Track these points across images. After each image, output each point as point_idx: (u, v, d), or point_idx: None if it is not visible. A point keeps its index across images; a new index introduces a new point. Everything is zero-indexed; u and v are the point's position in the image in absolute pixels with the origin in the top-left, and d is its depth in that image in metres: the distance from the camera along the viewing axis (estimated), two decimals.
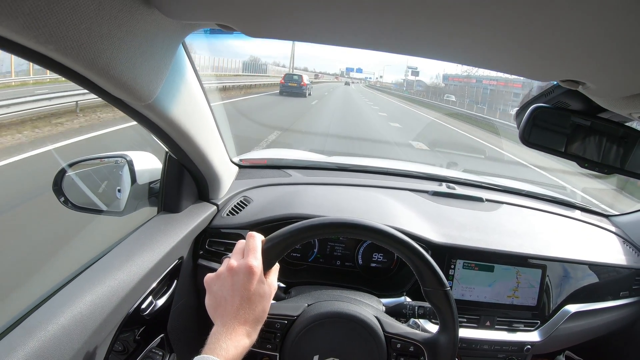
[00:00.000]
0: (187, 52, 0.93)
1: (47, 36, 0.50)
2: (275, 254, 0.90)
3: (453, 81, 60.91)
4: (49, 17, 0.48)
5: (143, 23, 0.63)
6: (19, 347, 0.70)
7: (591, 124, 0.95)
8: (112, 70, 0.62)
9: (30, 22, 0.47)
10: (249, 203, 1.46)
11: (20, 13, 0.46)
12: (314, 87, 25.03)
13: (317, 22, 0.63)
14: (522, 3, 0.46)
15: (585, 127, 0.95)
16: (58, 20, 0.50)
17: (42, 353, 0.72)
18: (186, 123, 0.98)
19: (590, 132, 0.96)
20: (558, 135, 0.97)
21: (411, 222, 1.40)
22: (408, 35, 0.63)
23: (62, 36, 0.52)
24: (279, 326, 0.95)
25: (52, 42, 0.51)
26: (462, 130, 16.36)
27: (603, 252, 1.56)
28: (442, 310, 0.94)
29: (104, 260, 0.99)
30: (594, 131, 0.95)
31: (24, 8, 0.46)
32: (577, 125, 0.96)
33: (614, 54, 0.56)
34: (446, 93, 49.96)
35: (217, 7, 0.63)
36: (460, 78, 57.99)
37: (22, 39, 0.50)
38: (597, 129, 0.95)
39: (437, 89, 64.23)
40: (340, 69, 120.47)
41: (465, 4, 0.48)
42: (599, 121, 0.94)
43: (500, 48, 0.63)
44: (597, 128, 0.95)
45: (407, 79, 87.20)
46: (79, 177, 1.27)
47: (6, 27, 0.47)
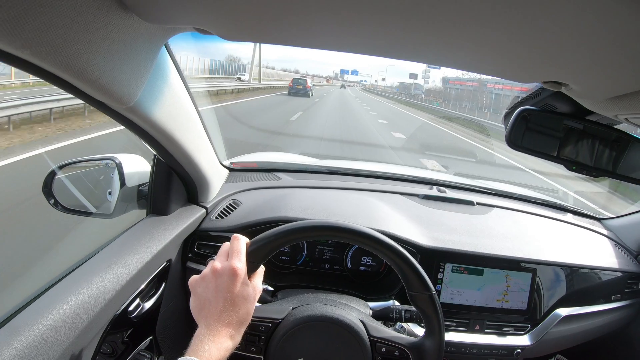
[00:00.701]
0: (171, 55, 0.93)
1: (23, 41, 0.51)
2: (260, 257, 0.90)
3: (454, 84, 58.79)
4: (24, 23, 0.49)
5: (121, 27, 0.63)
6: (5, 347, 0.70)
7: (581, 127, 0.95)
8: (90, 74, 0.63)
9: (7, 28, 0.48)
10: (238, 206, 1.46)
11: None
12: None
13: (294, 25, 0.64)
14: (502, 6, 0.46)
15: (573, 130, 0.95)
16: (33, 27, 0.50)
17: (28, 353, 0.72)
18: (171, 126, 0.98)
19: (579, 135, 0.96)
20: (546, 138, 0.97)
21: (400, 225, 1.40)
22: (384, 36, 0.63)
23: (38, 42, 0.52)
24: (264, 329, 0.95)
25: (27, 47, 0.52)
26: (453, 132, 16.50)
27: (595, 255, 1.56)
28: (427, 315, 0.94)
29: (91, 262, 0.99)
30: (583, 134, 0.95)
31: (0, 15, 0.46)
32: (565, 128, 0.96)
33: (594, 56, 0.56)
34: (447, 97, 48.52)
35: (194, 11, 0.63)
36: (462, 81, 56.08)
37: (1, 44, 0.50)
38: (587, 132, 0.95)
39: (436, 93, 62.43)
40: (334, 71, 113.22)
41: (444, 8, 0.48)
42: (588, 124, 0.94)
43: (481, 50, 0.64)
44: (587, 131, 0.95)
45: (403, 82, 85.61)
46: (69, 179, 1.27)
47: None
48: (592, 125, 0.94)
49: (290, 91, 26.62)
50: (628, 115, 0.79)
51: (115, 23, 0.62)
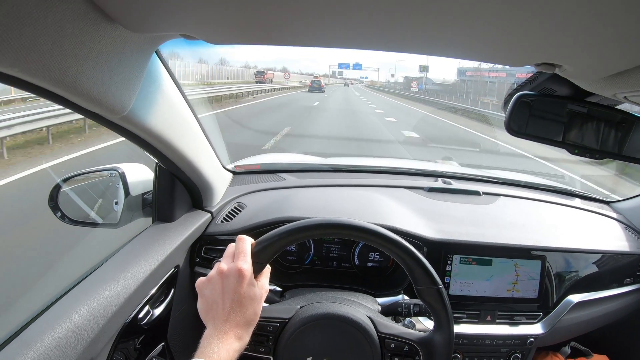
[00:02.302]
0: (163, 61, 0.93)
1: (12, 60, 0.52)
2: (265, 257, 0.90)
3: (468, 76, 52.39)
4: (10, 42, 0.50)
5: (107, 39, 0.64)
6: (17, 359, 0.71)
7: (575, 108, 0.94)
8: (80, 87, 0.63)
9: None
10: (243, 209, 1.46)
11: None
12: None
13: (279, 24, 0.64)
14: None
15: (577, 113, 0.94)
16: (19, 45, 0.51)
17: None
18: (168, 132, 0.99)
19: (580, 118, 0.94)
20: (546, 122, 0.96)
21: (406, 219, 1.40)
22: (367, 27, 0.63)
23: (25, 59, 0.53)
24: (272, 329, 0.95)
25: (16, 65, 0.53)
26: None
27: (605, 239, 1.54)
28: (435, 309, 0.94)
29: (99, 271, 1.00)
30: (583, 116, 0.94)
31: None
32: (565, 111, 0.95)
33: (584, 34, 0.55)
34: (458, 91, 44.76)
35: (177, 18, 0.63)
36: (482, 71, 48.99)
37: None
38: (591, 114, 0.94)
39: (448, 86, 58.06)
40: (330, 67, 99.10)
41: None
42: (591, 106, 0.93)
43: (470, 35, 0.63)
44: (591, 114, 0.94)
45: (408, 77, 79.67)
46: (74, 191, 1.28)
47: None
48: (595, 107, 0.93)
49: (310, 89, 38.77)
50: (626, 94, 0.78)
51: (102, 35, 0.62)
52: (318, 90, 37.69)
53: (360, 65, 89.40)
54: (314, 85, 39.68)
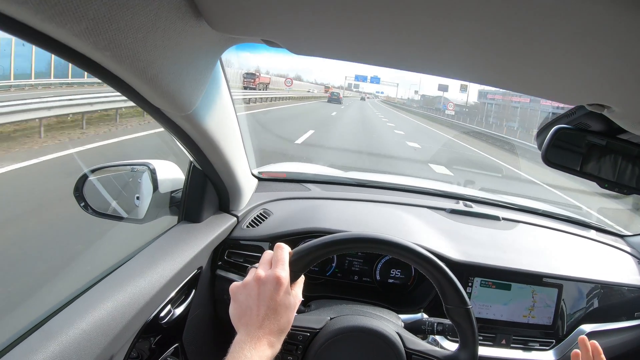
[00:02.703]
0: (222, 65, 0.94)
1: (106, 42, 0.52)
2: (301, 266, 0.90)
3: (493, 99, 47.36)
4: (110, 23, 0.50)
5: (191, 35, 0.65)
6: (39, 349, 0.71)
7: (614, 145, 0.96)
8: (160, 80, 0.64)
9: (92, 26, 0.49)
10: (269, 216, 1.47)
11: (84, 17, 0.47)
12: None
13: (361, 42, 0.65)
14: (551, 30, 0.47)
15: (607, 148, 0.96)
16: (118, 28, 0.51)
17: (62, 357, 0.73)
18: (218, 135, 0.99)
19: (613, 153, 0.96)
20: (580, 157, 0.98)
21: (430, 239, 1.40)
22: (443, 55, 0.64)
23: (120, 44, 0.53)
24: (302, 338, 0.95)
25: (109, 48, 0.53)
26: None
27: (618, 272, 1.55)
28: (463, 328, 0.94)
29: (126, 267, 1.00)
30: (617, 152, 0.96)
31: (88, 12, 0.47)
32: (599, 147, 0.96)
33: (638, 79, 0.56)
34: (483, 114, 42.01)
35: (264, 23, 0.64)
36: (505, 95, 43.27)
37: (82, 43, 0.51)
38: (620, 150, 0.96)
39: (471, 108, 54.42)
40: (346, 77, 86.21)
41: (497, 29, 0.49)
42: (622, 143, 0.95)
43: (530, 72, 0.64)
44: (620, 150, 0.96)
45: (425, 95, 75.90)
46: (101, 183, 1.28)
47: (69, 30, 0.49)
48: (628, 145, 0.95)
49: (329, 100, 41.26)
50: None
51: (188, 30, 0.63)
52: (336, 101, 40.31)
53: (378, 79, 78.36)
54: (333, 97, 42.60)
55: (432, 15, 0.50)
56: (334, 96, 43.16)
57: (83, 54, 0.54)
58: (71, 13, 0.46)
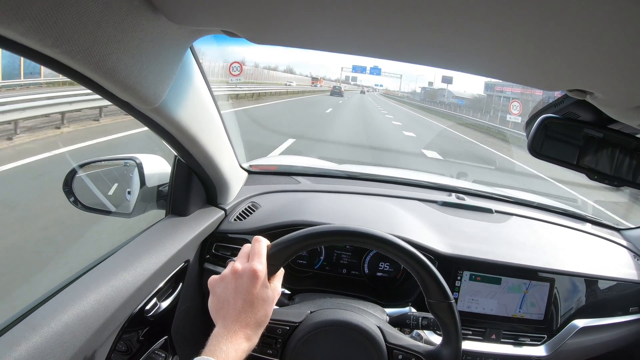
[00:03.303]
0: (195, 57, 0.94)
1: (54, 39, 0.51)
2: (280, 260, 0.90)
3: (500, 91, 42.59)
4: (55, 20, 0.49)
5: (149, 28, 0.64)
6: (22, 341, 0.71)
7: (603, 135, 0.94)
8: (118, 74, 0.63)
9: (36, 25, 0.48)
10: (257, 209, 1.46)
11: (27, 16, 0.47)
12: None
13: (322, 29, 0.64)
14: (530, 13, 0.46)
15: (596, 138, 0.94)
16: (64, 24, 0.51)
17: (44, 349, 0.73)
18: (194, 127, 0.99)
19: (601, 144, 0.94)
20: (568, 147, 0.96)
21: (419, 232, 1.40)
22: (413, 41, 0.63)
23: (68, 40, 0.53)
24: (281, 332, 0.95)
25: (58, 45, 0.52)
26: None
27: (613, 266, 1.53)
28: (445, 323, 0.94)
29: (110, 260, 1.00)
30: (606, 143, 0.94)
31: (30, 11, 0.47)
32: (588, 137, 0.95)
33: (621, 64, 0.55)
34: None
35: (222, 14, 0.63)
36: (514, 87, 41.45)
37: (29, 41, 0.51)
38: (609, 140, 0.94)
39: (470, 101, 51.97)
40: (342, 69, 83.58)
41: (473, 13, 0.48)
42: (611, 133, 0.93)
43: (507, 57, 0.63)
44: (609, 140, 0.94)
45: (426, 88, 73.09)
46: (89, 178, 1.28)
47: (13, 29, 0.48)
48: (617, 135, 0.93)
49: (332, 93, 46.74)
50: None
51: (144, 24, 0.62)
52: (338, 94, 45.93)
53: (379, 70, 71.01)
54: (335, 90, 48.63)
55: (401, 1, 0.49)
56: (337, 89, 49.14)
57: (37, 50, 0.54)
58: (12, 13, 0.46)
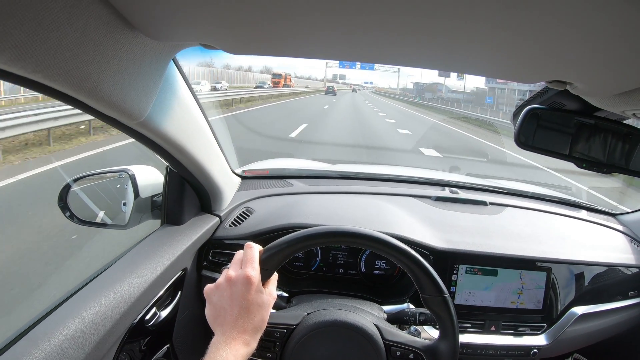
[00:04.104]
0: (178, 67, 0.94)
1: (34, 66, 0.52)
2: (273, 264, 0.91)
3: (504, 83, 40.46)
4: (34, 48, 0.50)
5: (128, 46, 0.65)
6: (24, 357, 0.72)
7: (589, 123, 0.94)
8: (100, 93, 0.64)
9: (17, 54, 0.49)
10: (251, 214, 1.47)
11: (6, 47, 0.48)
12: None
13: (299, 37, 0.65)
14: (503, 5, 0.46)
15: (582, 126, 0.94)
16: (43, 51, 0.51)
17: None
18: (181, 138, 1.00)
19: (589, 132, 0.95)
20: (555, 136, 0.96)
21: (413, 228, 1.40)
22: (387, 43, 0.64)
23: (49, 65, 0.53)
24: (279, 335, 0.96)
25: (39, 70, 0.53)
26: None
27: (610, 251, 1.54)
28: (441, 317, 0.94)
29: (107, 272, 1.01)
30: (592, 130, 0.94)
31: (9, 43, 0.47)
32: (574, 126, 0.95)
33: (597, 54, 0.56)
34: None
35: (199, 28, 0.65)
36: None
37: (10, 69, 0.52)
38: (596, 128, 0.94)
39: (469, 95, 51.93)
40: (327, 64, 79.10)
41: (445, 9, 0.49)
42: (597, 120, 0.94)
43: (483, 52, 0.64)
44: (596, 127, 0.94)
45: (419, 83, 72.89)
46: (84, 192, 1.29)
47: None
48: (603, 122, 0.93)
49: (326, 92, 52.28)
50: (635, 111, 0.79)
51: (123, 42, 0.63)
52: (331, 94, 51.36)
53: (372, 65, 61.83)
54: (329, 90, 54.78)
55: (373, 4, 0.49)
56: (330, 89, 55.14)
57: (19, 75, 0.55)
58: None
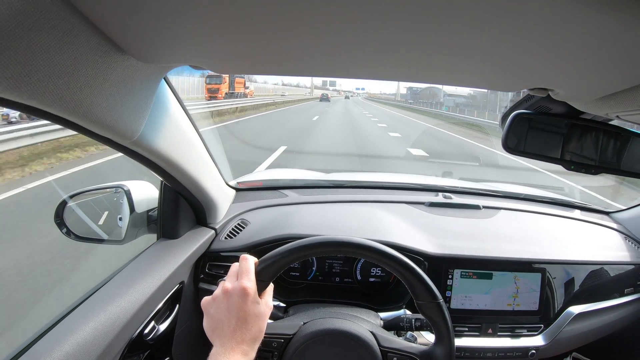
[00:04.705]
0: (169, 85, 0.96)
1: (30, 94, 0.53)
2: (268, 275, 0.92)
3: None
4: (29, 77, 0.51)
5: (119, 69, 0.66)
6: None
7: (576, 126, 0.95)
8: (94, 115, 0.65)
9: (12, 84, 0.50)
10: (246, 225, 1.48)
11: (3, 78, 0.49)
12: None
13: (283, 56, 0.67)
14: (480, 17, 0.47)
15: (569, 129, 0.96)
16: (38, 79, 0.53)
17: None
18: (174, 154, 1.01)
19: (576, 134, 0.96)
20: (542, 140, 0.98)
21: (406, 235, 1.41)
22: (369, 59, 0.65)
23: (44, 92, 0.55)
24: (276, 345, 0.97)
25: (35, 97, 0.55)
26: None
27: (605, 250, 1.55)
28: (436, 322, 0.96)
29: (105, 288, 1.02)
30: (580, 133, 0.96)
31: (6, 73, 0.49)
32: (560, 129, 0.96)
33: (575, 61, 0.57)
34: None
35: (187, 51, 0.66)
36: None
37: (6, 96, 0.53)
38: (583, 130, 0.96)
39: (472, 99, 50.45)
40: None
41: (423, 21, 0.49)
42: (583, 123, 0.95)
43: (462, 62, 0.65)
44: (582, 129, 0.96)
45: (412, 88, 74.84)
46: (80, 207, 1.29)
47: None
48: (589, 124, 0.95)
49: (321, 99, 56.78)
50: (618, 113, 0.80)
51: (114, 66, 0.65)
52: (326, 100, 55.84)
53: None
54: (323, 97, 59.84)
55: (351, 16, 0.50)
56: (324, 96, 60.62)
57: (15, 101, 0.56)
58: None
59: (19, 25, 0.46)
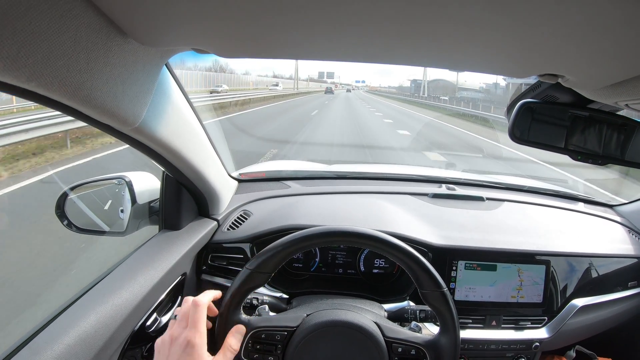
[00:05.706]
0: (171, 72, 0.95)
1: (28, 75, 0.52)
2: (270, 266, 0.92)
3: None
4: (26, 58, 0.50)
5: (120, 53, 0.65)
6: None
7: (583, 115, 0.94)
8: (94, 100, 0.64)
9: (9, 64, 0.49)
10: (248, 217, 1.47)
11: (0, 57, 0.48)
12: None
13: (289, 38, 0.65)
14: (491, 2, 0.46)
15: (576, 119, 0.95)
16: (36, 60, 0.51)
17: None
18: (177, 142, 1.00)
19: (583, 124, 0.95)
20: (549, 130, 0.97)
21: (410, 226, 1.41)
22: (374, 41, 0.64)
23: (42, 74, 0.53)
24: (279, 338, 0.96)
25: (32, 79, 0.53)
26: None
27: (608, 243, 1.54)
28: (441, 312, 0.95)
29: (107, 280, 1.01)
30: (586, 123, 0.95)
31: (3, 53, 0.47)
32: (568, 118, 0.95)
33: (586, 46, 0.56)
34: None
35: (190, 33, 0.65)
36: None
37: (3, 79, 0.52)
38: (590, 120, 0.94)
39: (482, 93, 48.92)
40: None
41: (435, 7, 0.49)
42: (591, 112, 0.94)
43: (474, 48, 0.64)
44: (590, 119, 0.94)
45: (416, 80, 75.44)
46: (81, 199, 1.29)
47: None
48: (596, 114, 0.94)
49: (325, 92, 60.38)
50: (628, 102, 0.79)
51: (115, 49, 0.63)
52: (330, 93, 59.14)
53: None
54: (328, 89, 65.21)
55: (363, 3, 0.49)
56: (329, 89, 65.57)
57: (12, 84, 0.55)
58: None
59: (16, 3, 0.45)
